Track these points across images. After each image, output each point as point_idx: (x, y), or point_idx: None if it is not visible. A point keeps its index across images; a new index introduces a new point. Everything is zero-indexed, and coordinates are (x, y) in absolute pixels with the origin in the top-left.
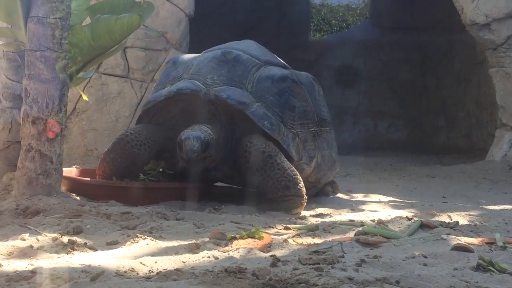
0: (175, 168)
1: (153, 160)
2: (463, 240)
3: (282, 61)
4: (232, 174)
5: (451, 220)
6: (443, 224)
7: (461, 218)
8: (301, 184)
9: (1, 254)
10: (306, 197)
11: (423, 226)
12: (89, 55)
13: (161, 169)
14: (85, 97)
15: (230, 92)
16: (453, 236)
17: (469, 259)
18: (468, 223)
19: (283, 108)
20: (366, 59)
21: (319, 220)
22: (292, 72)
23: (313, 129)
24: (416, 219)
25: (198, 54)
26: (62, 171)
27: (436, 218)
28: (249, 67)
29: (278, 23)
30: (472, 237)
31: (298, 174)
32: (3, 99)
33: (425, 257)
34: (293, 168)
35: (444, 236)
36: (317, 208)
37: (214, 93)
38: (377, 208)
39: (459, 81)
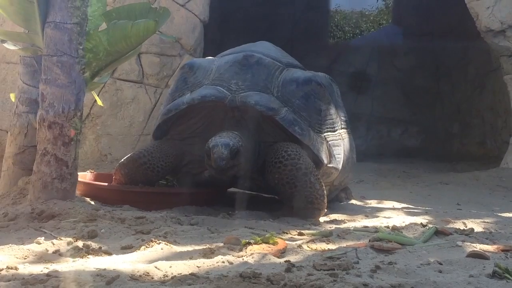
0: (199, 179)
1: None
2: (479, 247)
3: (298, 63)
4: (260, 182)
5: (466, 227)
6: (458, 231)
7: (476, 225)
8: (325, 199)
9: (17, 258)
10: (326, 210)
11: (438, 232)
12: (104, 61)
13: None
14: (100, 102)
15: (257, 98)
16: (468, 243)
17: (484, 266)
18: (483, 230)
19: (310, 112)
20: (379, 65)
21: (333, 226)
22: (313, 73)
23: (338, 131)
24: (430, 225)
25: (214, 58)
26: (77, 175)
27: (451, 225)
28: (272, 70)
29: (292, 29)
30: (487, 244)
31: (324, 189)
32: (20, 103)
33: (440, 264)
34: (322, 183)
35: (459, 243)
36: (331, 214)
37: (240, 99)
38: (391, 215)
39: (473, 87)
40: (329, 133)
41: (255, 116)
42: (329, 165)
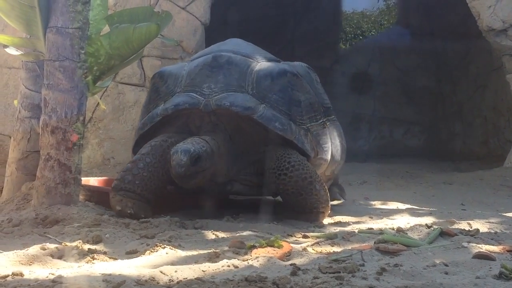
0: (187, 190)
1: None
2: (484, 248)
3: (272, 56)
4: (250, 185)
5: (471, 227)
6: (463, 231)
7: (481, 226)
8: (329, 202)
9: (22, 264)
10: (329, 211)
11: (443, 234)
12: (106, 65)
13: None
14: (103, 106)
15: (232, 99)
16: (474, 244)
17: (491, 268)
18: (488, 230)
19: (289, 104)
20: (381, 65)
21: (338, 228)
22: (288, 64)
23: (321, 120)
24: (435, 226)
25: (184, 63)
26: (81, 180)
27: (456, 226)
28: (244, 68)
29: (293, 30)
30: (493, 245)
31: (328, 193)
32: (22, 108)
33: (446, 265)
34: (325, 187)
35: (465, 244)
36: (335, 216)
37: (215, 102)
38: (396, 216)
39: (475, 87)
40: (312, 123)
41: (233, 118)
42: (317, 157)
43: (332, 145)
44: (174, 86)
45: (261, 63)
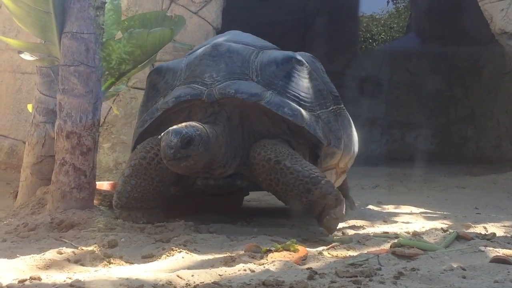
0: (192, 188)
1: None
2: (502, 252)
3: (274, 45)
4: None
5: (487, 231)
6: (479, 235)
7: (497, 230)
8: (324, 180)
9: (39, 268)
10: (339, 193)
11: (459, 237)
12: (117, 69)
13: None
14: (116, 111)
15: (236, 86)
16: (491, 248)
17: (509, 272)
18: (504, 234)
19: (297, 90)
20: (392, 69)
21: (353, 232)
22: (292, 52)
23: (331, 108)
24: (451, 230)
25: (182, 58)
26: (95, 184)
27: (472, 230)
28: (247, 55)
29: (304, 35)
30: (510, 249)
31: (317, 170)
32: (37, 113)
33: (464, 269)
34: (308, 166)
35: (482, 248)
36: (350, 220)
37: (218, 91)
38: (410, 220)
39: (488, 90)
40: (322, 110)
41: (238, 107)
42: (330, 145)
43: (344, 134)
44: (173, 80)
45: (264, 51)
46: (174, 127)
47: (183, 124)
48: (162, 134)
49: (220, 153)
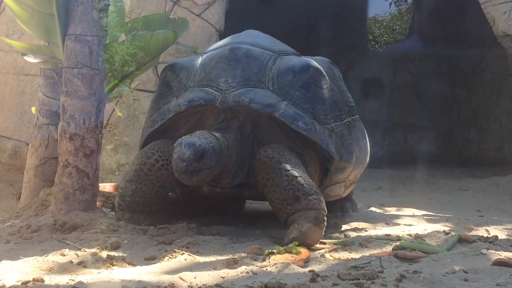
0: (198, 194)
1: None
2: (504, 255)
3: (292, 49)
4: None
5: (489, 234)
6: (481, 238)
7: (499, 232)
8: (316, 196)
9: (42, 270)
10: (325, 213)
11: (461, 240)
12: (120, 71)
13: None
14: (119, 113)
15: (251, 95)
16: (493, 251)
17: (511, 274)
18: (506, 237)
19: (313, 102)
20: (395, 71)
21: (355, 234)
22: (311, 59)
23: (346, 120)
24: (453, 233)
25: (197, 56)
26: (98, 186)
27: (474, 232)
28: (264, 61)
29: (306, 37)
30: None
31: (314, 185)
32: (40, 115)
33: (466, 272)
34: (306, 177)
35: (484, 251)
36: (352, 222)
37: (232, 98)
38: (412, 222)
39: (490, 92)
40: (336, 123)
41: (251, 115)
42: (341, 160)
43: (357, 147)
44: (187, 80)
45: (282, 57)
46: (188, 137)
47: (197, 133)
48: (175, 144)
49: (230, 163)
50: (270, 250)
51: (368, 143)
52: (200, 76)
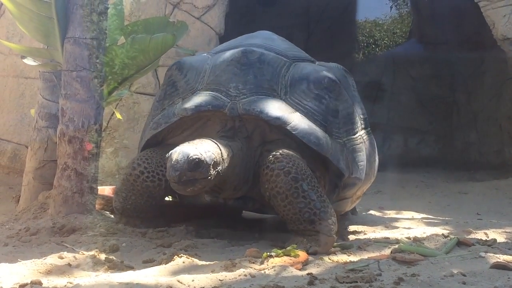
0: (198, 202)
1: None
2: (502, 258)
3: (308, 55)
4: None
5: (488, 237)
6: (480, 241)
7: (498, 236)
8: (331, 220)
9: (40, 272)
10: (335, 237)
11: (460, 243)
12: (120, 74)
13: None
14: (119, 116)
15: (262, 105)
16: (491, 254)
17: (509, 278)
18: (505, 240)
19: (325, 114)
20: (395, 75)
21: (354, 237)
22: (326, 68)
23: (358, 134)
24: (452, 236)
25: (207, 55)
26: (97, 189)
27: (473, 236)
28: (277, 68)
29: (306, 41)
30: (510, 255)
31: (330, 206)
32: (39, 118)
33: (464, 275)
34: (323, 198)
35: (482, 254)
36: (351, 225)
37: (242, 106)
38: (411, 225)
39: (490, 96)
40: (349, 137)
41: (259, 126)
42: (351, 176)
43: (367, 163)
44: (195, 82)
45: (296, 64)
46: (184, 145)
47: (196, 141)
48: (170, 152)
49: (233, 174)
50: (268, 253)
51: (377, 157)
52: (209, 79)
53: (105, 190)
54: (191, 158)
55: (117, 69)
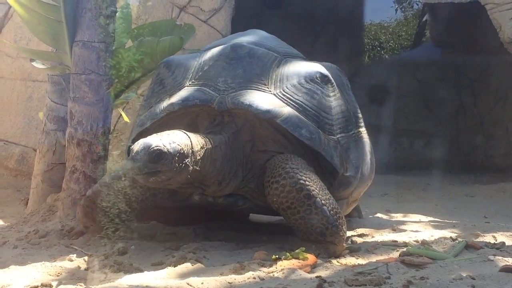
0: (188, 203)
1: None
2: (511, 261)
3: (299, 53)
4: (259, 201)
5: (496, 240)
6: (488, 244)
7: (506, 239)
8: (343, 231)
9: (50, 275)
10: (345, 245)
11: (468, 246)
12: (126, 77)
13: None
14: (126, 119)
15: (251, 98)
16: (500, 257)
17: None
18: None
19: (318, 110)
20: (401, 77)
21: (361, 240)
22: (318, 64)
23: (352, 132)
24: (460, 239)
25: (196, 54)
26: None
27: (481, 239)
28: (268, 62)
29: (312, 43)
30: None
31: (342, 216)
32: (48, 121)
33: (473, 278)
34: (336, 209)
35: (491, 257)
36: (358, 228)
37: (231, 100)
38: (419, 228)
39: (496, 99)
40: (342, 134)
41: (249, 121)
42: (345, 174)
43: (363, 163)
44: (183, 79)
45: (287, 59)
46: (149, 137)
47: (164, 133)
48: (134, 144)
49: (214, 168)
50: (277, 256)
51: (374, 158)
52: (197, 75)
53: None
54: (152, 149)
55: (124, 72)
